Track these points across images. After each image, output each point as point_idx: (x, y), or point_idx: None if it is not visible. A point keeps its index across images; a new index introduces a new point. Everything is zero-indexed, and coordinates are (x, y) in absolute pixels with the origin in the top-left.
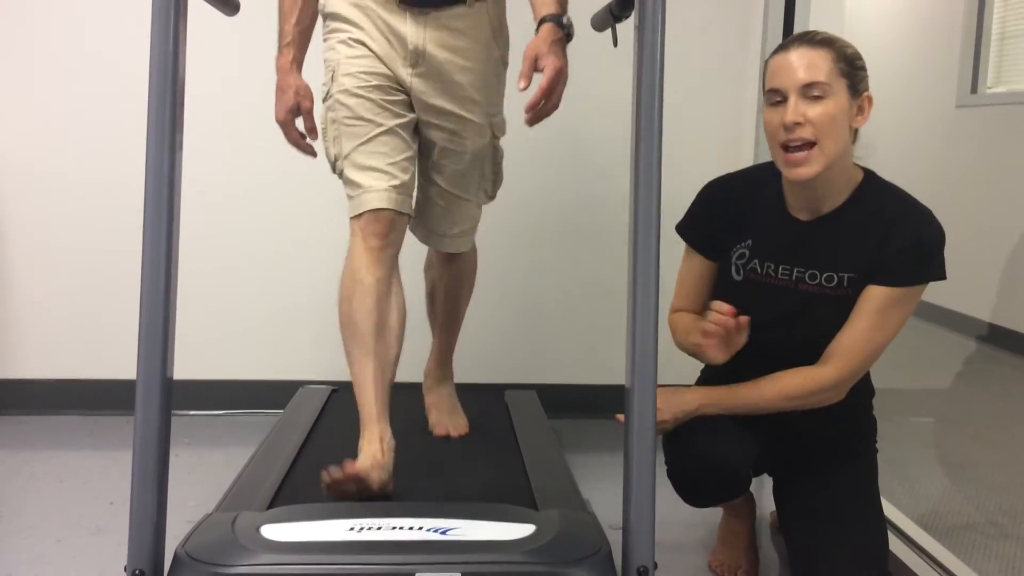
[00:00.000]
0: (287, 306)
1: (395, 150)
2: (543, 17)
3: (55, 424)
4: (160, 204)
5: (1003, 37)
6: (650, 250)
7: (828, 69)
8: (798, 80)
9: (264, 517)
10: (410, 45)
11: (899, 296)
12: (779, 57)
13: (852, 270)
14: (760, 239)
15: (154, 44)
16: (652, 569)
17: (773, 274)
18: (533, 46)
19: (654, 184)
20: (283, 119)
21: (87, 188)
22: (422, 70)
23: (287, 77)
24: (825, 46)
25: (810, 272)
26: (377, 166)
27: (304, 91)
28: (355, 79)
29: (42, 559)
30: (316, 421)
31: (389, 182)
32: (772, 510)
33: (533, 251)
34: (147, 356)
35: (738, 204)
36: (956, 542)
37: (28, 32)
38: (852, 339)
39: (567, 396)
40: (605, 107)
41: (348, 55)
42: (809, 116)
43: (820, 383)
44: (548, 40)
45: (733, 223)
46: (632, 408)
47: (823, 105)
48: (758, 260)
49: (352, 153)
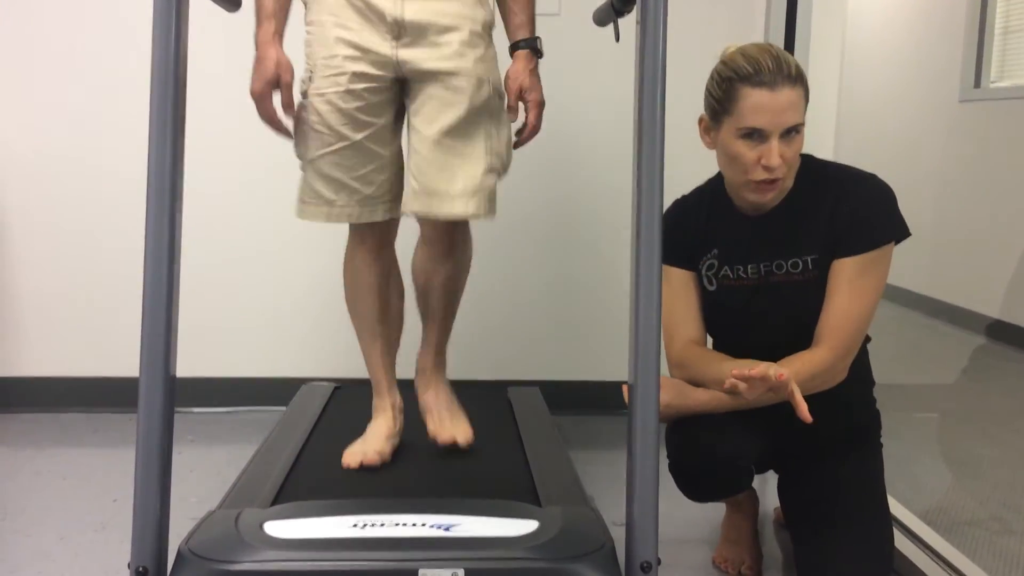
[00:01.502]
0: (290, 303)
1: (360, 163)
2: (518, 42)
3: (58, 421)
4: (162, 201)
5: (1006, 31)
6: (653, 245)
7: (802, 107)
8: (783, 124)
9: (267, 514)
10: (389, 18)
11: (866, 263)
12: (762, 94)
13: (813, 251)
14: (724, 246)
15: (156, 39)
16: (656, 565)
17: (744, 275)
18: (516, 79)
19: (656, 179)
20: (260, 91)
21: (91, 185)
22: (407, 40)
23: (268, 49)
24: (800, 82)
25: (776, 263)
26: (340, 178)
27: (285, 64)
28: (330, 82)
29: (45, 556)
30: (319, 418)
31: (352, 196)
32: (776, 506)
33: (536, 246)
34: (150, 353)
35: (698, 219)
36: (960, 538)
37: (30, 26)
38: (834, 316)
39: (570, 392)
40: (603, 103)
41: (324, 55)
42: (786, 156)
43: (817, 365)
44: (528, 69)
45: (699, 238)
46: (635, 404)
47: (795, 143)
48: (727, 266)
49: (317, 160)
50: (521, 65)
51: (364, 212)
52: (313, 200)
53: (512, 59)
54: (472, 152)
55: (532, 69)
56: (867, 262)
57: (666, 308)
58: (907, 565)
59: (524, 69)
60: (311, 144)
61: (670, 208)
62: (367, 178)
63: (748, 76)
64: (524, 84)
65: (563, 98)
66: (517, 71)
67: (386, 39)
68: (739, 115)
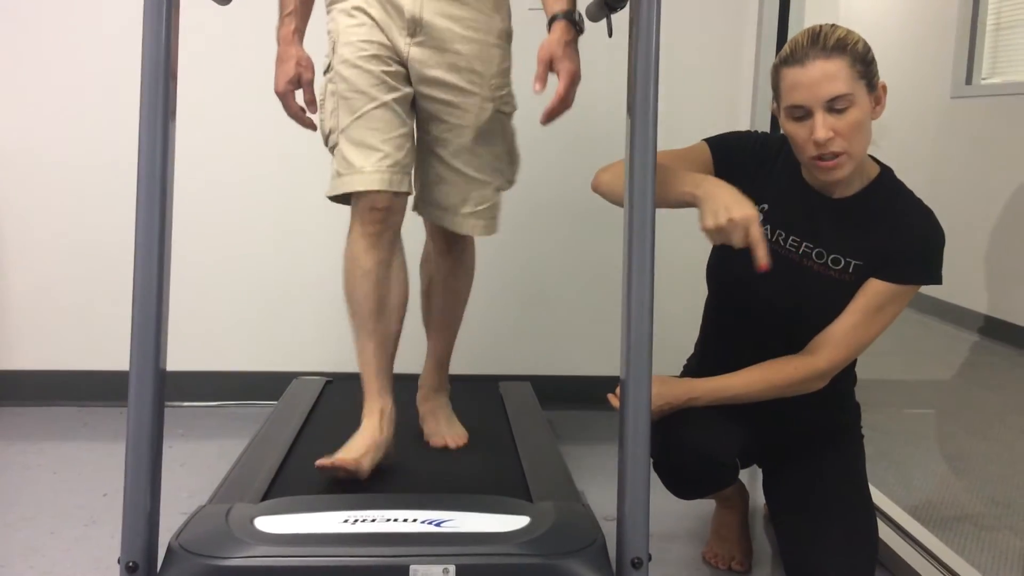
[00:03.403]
0: (281, 297)
1: (389, 125)
2: (555, 14)
3: (49, 415)
4: (153, 194)
5: (998, 28)
6: (645, 241)
7: (847, 77)
8: (821, 96)
9: (258, 509)
10: (407, 14)
11: (896, 293)
12: (795, 71)
13: (859, 258)
14: (776, 206)
15: (146, 33)
16: (646, 560)
17: (783, 243)
18: (547, 48)
19: (649, 174)
20: (283, 90)
21: (81, 178)
22: (421, 39)
23: (288, 47)
24: (840, 52)
25: (818, 250)
26: (372, 142)
27: (306, 62)
28: (353, 48)
29: (36, 551)
30: (310, 412)
31: (383, 161)
32: (765, 502)
33: (528, 242)
34: (140, 347)
35: (763, 164)
36: (949, 533)
37: (20, 18)
38: (844, 331)
39: (562, 387)
40: (598, 100)
41: (347, 24)
42: (838, 129)
43: (811, 372)
44: (562, 41)
45: (755, 179)
46: (627, 399)
47: (849, 114)
48: (770, 226)
49: (349, 127)
50: (556, 36)
51: (395, 179)
52: (346, 171)
53: (549, 31)
54: (480, 174)
55: (568, 41)
56: (895, 293)
57: (665, 157)
58: (896, 560)
59: (559, 40)
60: (342, 114)
61: (752, 133)
62: (398, 143)
63: (785, 58)
64: (556, 54)
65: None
66: (551, 41)
67: (402, 34)
68: (783, 98)
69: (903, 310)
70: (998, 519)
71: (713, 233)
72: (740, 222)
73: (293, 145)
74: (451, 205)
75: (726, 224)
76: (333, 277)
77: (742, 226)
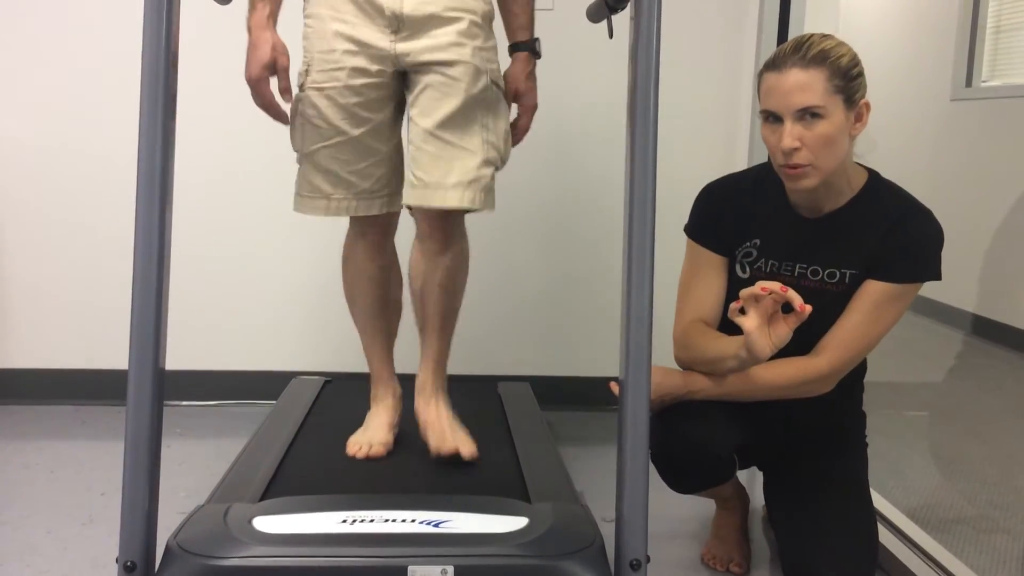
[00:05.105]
0: (280, 296)
1: (358, 158)
2: (518, 44)
3: (47, 414)
4: (152, 192)
5: (998, 30)
6: (645, 242)
7: (822, 90)
8: (792, 105)
9: (256, 509)
10: (388, 12)
11: (896, 292)
12: (773, 77)
13: (854, 266)
14: (768, 238)
15: (146, 26)
16: (645, 562)
17: (776, 271)
18: (513, 80)
19: (649, 176)
20: (256, 75)
21: (80, 177)
22: (405, 33)
23: (263, 32)
24: (818, 64)
25: (812, 268)
26: (337, 172)
27: (281, 47)
28: (328, 77)
29: (33, 550)
30: (309, 412)
31: (351, 189)
32: (764, 504)
33: (526, 243)
34: (139, 346)
35: (744, 204)
36: (947, 536)
37: (20, 14)
38: (846, 332)
39: (561, 388)
40: (598, 99)
41: (322, 49)
42: (805, 140)
43: (812, 373)
44: (525, 73)
45: (740, 222)
46: (626, 400)
47: (818, 126)
48: (765, 258)
49: (314, 153)
50: (519, 68)
51: (362, 205)
52: (310, 193)
53: (511, 60)
54: (468, 144)
55: (529, 72)
56: (897, 292)
57: (684, 286)
58: (894, 563)
59: (521, 72)
60: (308, 137)
61: (714, 186)
62: (365, 172)
63: (768, 63)
64: (520, 88)
65: (557, 94)
66: (515, 74)
67: (384, 33)
68: (761, 101)
69: (904, 311)
70: (995, 521)
71: None
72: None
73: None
74: (434, 180)
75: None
76: (332, 277)
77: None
